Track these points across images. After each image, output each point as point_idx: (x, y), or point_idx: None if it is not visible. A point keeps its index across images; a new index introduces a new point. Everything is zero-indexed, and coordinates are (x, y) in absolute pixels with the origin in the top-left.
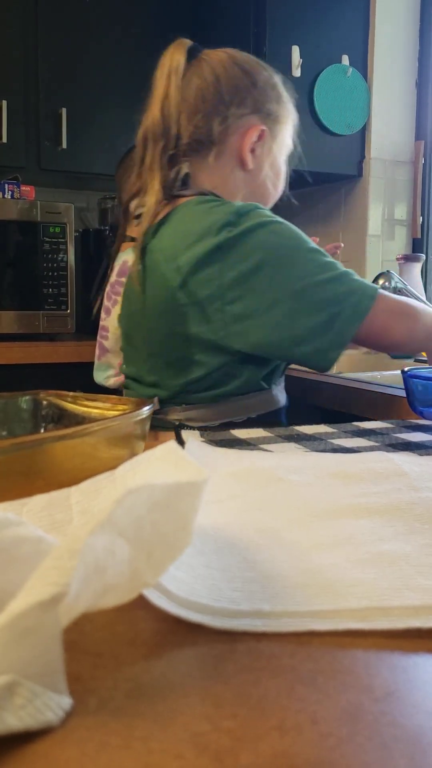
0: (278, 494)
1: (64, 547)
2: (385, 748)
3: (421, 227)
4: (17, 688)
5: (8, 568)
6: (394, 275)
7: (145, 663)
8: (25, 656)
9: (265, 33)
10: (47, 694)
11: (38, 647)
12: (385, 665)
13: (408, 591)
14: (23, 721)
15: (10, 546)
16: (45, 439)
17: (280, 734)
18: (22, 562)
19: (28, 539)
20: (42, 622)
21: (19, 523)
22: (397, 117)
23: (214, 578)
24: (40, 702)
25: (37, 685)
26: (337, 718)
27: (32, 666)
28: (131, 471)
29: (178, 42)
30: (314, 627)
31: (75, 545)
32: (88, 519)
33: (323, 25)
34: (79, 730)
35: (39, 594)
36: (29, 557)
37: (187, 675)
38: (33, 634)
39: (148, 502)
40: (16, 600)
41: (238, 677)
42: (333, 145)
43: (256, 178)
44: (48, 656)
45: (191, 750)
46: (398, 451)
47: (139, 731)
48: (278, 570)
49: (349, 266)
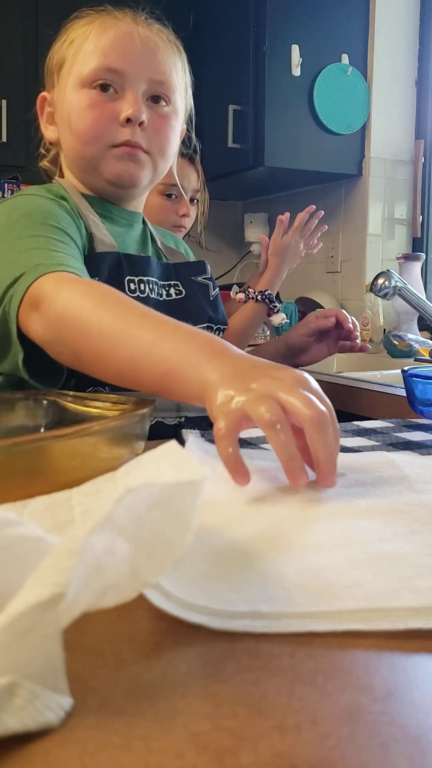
0: (278, 494)
1: (63, 547)
2: (384, 748)
3: (421, 226)
4: (17, 688)
5: (8, 567)
6: (394, 274)
7: (145, 662)
8: (24, 656)
9: (265, 32)
10: (47, 694)
11: (38, 647)
12: (385, 665)
13: (407, 592)
14: (23, 722)
15: (10, 545)
16: (45, 439)
17: (280, 734)
18: (22, 562)
19: (28, 538)
20: (41, 622)
21: (19, 522)
22: (396, 116)
23: (213, 579)
24: (39, 702)
25: (37, 686)
26: (337, 718)
27: (32, 666)
28: (132, 472)
29: None
30: (313, 628)
31: (74, 545)
32: (90, 520)
33: (323, 24)
34: (80, 730)
35: (38, 594)
36: (29, 556)
37: (187, 674)
38: (32, 634)
39: (148, 502)
40: (15, 600)
41: (238, 677)
42: (333, 145)
43: (64, 144)
44: (48, 656)
45: (191, 749)
46: (399, 450)
47: (139, 730)
48: (277, 570)
49: (349, 266)
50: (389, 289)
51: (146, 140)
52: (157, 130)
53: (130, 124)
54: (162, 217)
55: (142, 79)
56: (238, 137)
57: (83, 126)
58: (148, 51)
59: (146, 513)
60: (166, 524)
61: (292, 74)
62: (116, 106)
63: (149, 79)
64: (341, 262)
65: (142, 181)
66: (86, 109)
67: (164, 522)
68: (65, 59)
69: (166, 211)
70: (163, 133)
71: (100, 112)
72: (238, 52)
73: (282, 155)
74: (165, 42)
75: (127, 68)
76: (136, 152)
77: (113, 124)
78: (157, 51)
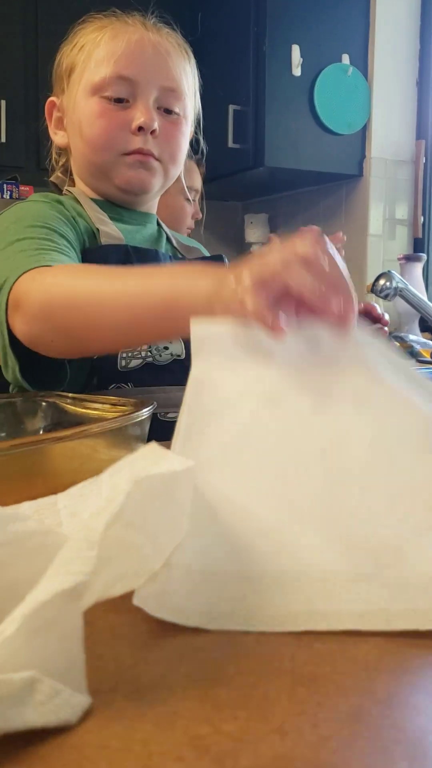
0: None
1: (81, 538)
2: (385, 751)
3: (422, 227)
4: (38, 684)
5: (18, 561)
6: (395, 275)
7: (144, 665)
8: (46, 651)
9: (266, 32)
10: (67, 692)
11: (60, 641)
12: (386, 668)
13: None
14: (43, 718)
15: (21, 539)
16: (44, 441)
17: (281, 737)
18: (31, 556)
19: (36, 533)
20: (64, 612)
21: (25, 517)
22: (397, 116)
23: (210, 581)
24: (60, 699)
25: (58, 683)
26: (338, 721)
27: (53, 662)
28: (117, 474)
29: None
30: (313, 627)
31: (92, 536)
32: (78, 522)
33: (324, 24)
34: (79, 733)
35: (62, 583)
36: (38, 550)
37: (187, 677)
38: (55, 626)
39: (152, 492)
40: (37, 590)
41: (238, 680)
42: (333, 145)
43: (74, 150)
44: (69, 652)
45: (191, 752)
46: None
47: (139, 734)
48: (275, 567)
49: (350, 266)
50: (390, 290)
51: (158, 148)
52: (168, 137)
53: (141, 133)
54: (183, 219)
55: (153, 86)
56: (238, 137)
57: (94, 134)
58: (159, 58)
59: (150, 503)
60: (167, 512)
61: (292, 74)
62: (128, 114)
63: (161, 86)
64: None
65: (153, 187)
66: (97, 116)
67: (165, 510)
68: (75, 65)
69: (186, 214)
70: (175, 140)
71: (111, 120)
72: (238, 52)
73: (282, 155)
74: (175, 47)
75: (139, 76)
76: (148, 160)
77: (125, 132)
78: (168, 57)
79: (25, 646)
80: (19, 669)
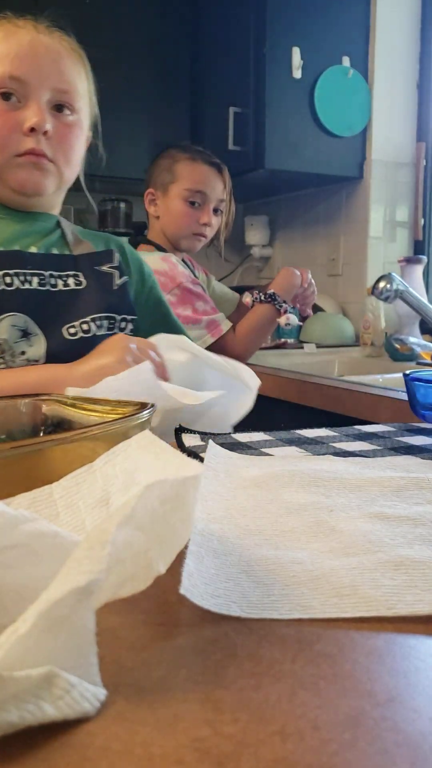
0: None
1: (93, 538)
2: (386, 754)
3: (422, 229)
4: (55, 678)
5: (28, 563)
6: (395, 278)
7: (145, 668)
8: (60, 647)
9: (266, 34)
10: (83, 685)
11: (73, 638)
12: (387, 670)
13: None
14: (62, 711)
15: (29, 541)
16: (44, 443)
17: (282, 739)
18: (41, 556)
19: (46, 534)
20: (77, 610)
21: (34, 518)
22: (398, 118)
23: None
24: (76, 692)
25: (73, 676)
26: (339, 724)
27: (67, 658)
28: (110, 463)
29: None
30: (341, 615)
31: (104, 536)
32: (74, 514)
33: (324, 26)
34: (80, 735)
35: (75, 580)
36: (47, 551)
37: (188, 680)
38: (68, 623)
39: (161, 496)
40: (50, 588)
41: (239, 682)
42: (334, 147)
43: None
44: (82, 649)
45: (192, 755)
46: (400, 454)
47: (140, 736)
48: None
49: (351, 269)
50: (391, 292)
51: (51, 149)
52: (61, 138)
53: (34, 133)
54: (183, 223)
55: (46, 87)
56: (238, 140)
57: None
58: (52, 60)
59: (159, 507)
60: (174, 517)
61: (292, 76)
62: (19, 115)
63: (53, 87)
64: (342, 265)
65: (47, 189)
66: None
67: (173, 515)
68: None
69: (187, 218)
70: (68, 141)
71: (3, 121)
72: (238, 54)
73: (283, 158)
74: (68, 49)
75: (31, 77)
76: (40, 161)
77: (17, 133)
78: (61, 59)
79: (40, 643)
80: (35, 665)
